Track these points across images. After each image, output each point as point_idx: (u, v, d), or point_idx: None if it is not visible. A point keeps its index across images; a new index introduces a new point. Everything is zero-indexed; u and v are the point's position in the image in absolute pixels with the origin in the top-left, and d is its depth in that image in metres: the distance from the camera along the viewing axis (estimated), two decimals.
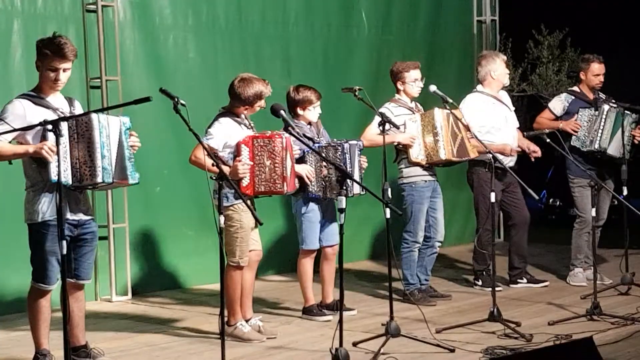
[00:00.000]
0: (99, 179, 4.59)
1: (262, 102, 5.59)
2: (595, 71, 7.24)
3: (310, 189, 5.96)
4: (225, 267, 5.52)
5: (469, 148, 6.54)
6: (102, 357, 5.04)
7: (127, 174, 4.74)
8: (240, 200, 5.38)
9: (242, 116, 5.63)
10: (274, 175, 5.43)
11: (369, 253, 8.79)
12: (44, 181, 4.63)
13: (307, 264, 6.19)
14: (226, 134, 5.50)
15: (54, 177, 4.46)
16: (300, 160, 5.92)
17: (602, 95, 7.30)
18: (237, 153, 5.46)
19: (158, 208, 7.28)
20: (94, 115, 4.62)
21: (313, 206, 6.10)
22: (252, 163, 5.42)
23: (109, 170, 4.65)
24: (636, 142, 7.24)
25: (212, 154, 4.79)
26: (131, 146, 4.79)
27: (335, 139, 6.13)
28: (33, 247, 4.75)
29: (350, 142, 6.05)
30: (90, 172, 4.58)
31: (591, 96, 7.29)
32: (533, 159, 7.18)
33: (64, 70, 4.68)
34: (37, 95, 4.72)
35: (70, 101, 4.87)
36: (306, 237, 6.13)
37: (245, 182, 5.43)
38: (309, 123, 6.17)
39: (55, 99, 4.79)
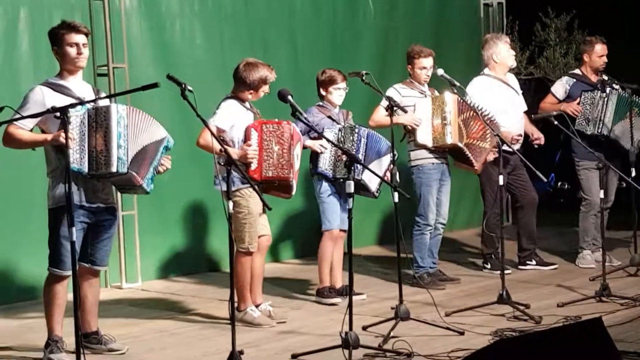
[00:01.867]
0: (114, 169, 4.63)
1: (266, 88, 5.60)
2: (599, 52, 7.22)
3: (320, 165, 5.99)
4: (235, 253, 5.55)
5: (479, 159, 6.50)
6: (113, 343, 5.07)
7: (146, 176, 4.80)
8: (247, 185, 5.40)
9: (247, 103, 5.64)
10: (281, 161, 5.45)
11: (378, 237, 8.80)
12: (61, 167, 4.66)
13: (327, 246, 6.21)
14: (233, 115, 5.51)
15: (73, 164, 4.50)
16: (318, 139, 5.98)
17: (605, 77, 7.29)
18: (246, 137, 5.47)
19: (167, 195, 7.29)
20: (113, 105, 4.68)
21: (326, 186, 6.14)
22: (257, 149, 5.43)
23: (124, 161, 4.68)
24: None
25: (218, 138, 4.81)
26: (161, 164, 4.88)
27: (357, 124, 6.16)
28: (50, 232, 4.80)
29: (370, 131, 6.11)
30: (106, 161, 4.62)
31: (594, 78, 7.27)
32: (536, 146, 7.18)
33: (83, 45, 4.77)
34: (58, 83, 4.77)
35: (97, 92, 4.93)
36: (324, 218, 6.19)
37: (253, 166, 5.44)
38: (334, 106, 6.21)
39: (80, 86, 4.84)
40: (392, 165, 5.90)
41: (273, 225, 7.46)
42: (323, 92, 6.20)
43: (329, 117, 6.15)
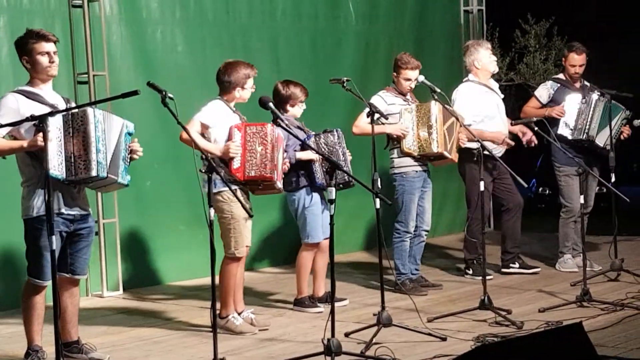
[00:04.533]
0: (94, 173, 4.60)
1: (251, 82, 5.61)
2: (572, 61, 7.27)
3: (317, 177, 5.98)
4: (222, 259, 5.54)
5: (453, 150, 6.56)
6: (94, 352, 5.04)
7: (118, 172, 4.77)
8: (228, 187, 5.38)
9: (233, 106, 5.63)
10: (264, 160, 5.44)
11: (361, 244, 8.80)
12: (38, 176, 4.64)
13: (308, 257, 6.19)
14: (218, 114, 5.52)
15: (51, 171, 4.47)
16: (302, 150, 5.96)
17: (587, 84, 7.34)
18: (229, 137, 5.48)
19: (149, 203, 7.27)
20: (89, 110, 4.64)
21: (316, 198, 6.11)
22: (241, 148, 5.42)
23: (104, 165, 4.65)
24: (622, 138, 7.27)
25: (197, 143, 4.84)
26: (132, 151, 4.83)
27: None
28: (28, 242, 4.77)
29: (338, 130, 6.08)
30: (85, 166, 4.59)
31: (577, 84, 7.32)
32: (526, 145, 7.20)
33: (54, 52, 4.74)
34: (31, 90, 4.74)
35: (67, 101, 4.90)
36: (312, 231, 6.12)
37: (236, 164, 5.43)
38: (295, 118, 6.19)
39: (51, 95, 4.81)
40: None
41: (257, 232, 7.46)
42: (289, 107, 6.11)
43: (297, 127, 6.11)
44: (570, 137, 7.10)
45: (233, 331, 5.53)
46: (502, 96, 7.31)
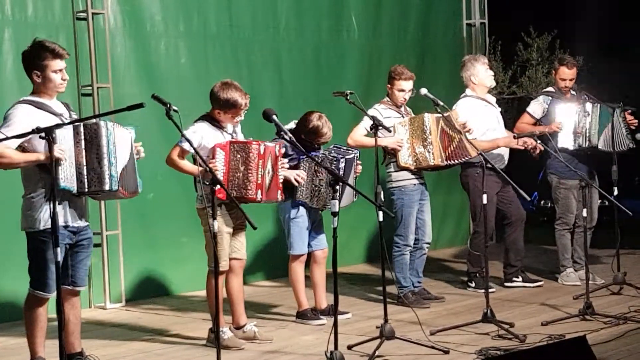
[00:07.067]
0: (107, 187, 4.61)
1: (238, 112, 5.47)
2: (562, 75, 7.29)
3: (298, 195, 5.97)
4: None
5: (468, 147, 6.52)
6: None
7: (137, 184, 4.85)
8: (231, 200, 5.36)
9: (228, 126, 5.56)
10: (246, 182, 5.34)
11: (362, 256, 8.80)
12: (46, 188, 4.64)
13: (297, 269, 6.20)
14: (201, 136, 5.42)
15: (62, 183, 4.48)
16: (295, 167, 5.94)
17: (575, 92, 7.35)
18: (211, 156, 5.39)
19: (151, 215, 7.27)
20: (102, 122, 4.65)
21: (302, 211, 6.11)
22: (224, 168, 5.36)
23: (116, 178, 4.66)
24: (633, 128, 7.23)
25: (199, 155, 4.83)
26: (137, 152, 4.89)
27: (333, 150, 6.13)
28: (33, 255, 4.75)
29: (347, 156, 6.05)
30: (99, 179, 4.60)
31: (568, 95, 7.33)
32: (538, 151, 7.12)
33: (65, 69, 4.77)
34: (39, 101, 4.75)
35: (67, 107, 4.91)
36: (294, 242, 6.14)
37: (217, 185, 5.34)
38: None
39: (55, 104, 4.82)
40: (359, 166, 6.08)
41: (255, 245, 7.45)
42: (302, 136, 6.02)
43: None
44: (572, 148, 7.10)
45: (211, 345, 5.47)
46: (500, 109, 7.33)
